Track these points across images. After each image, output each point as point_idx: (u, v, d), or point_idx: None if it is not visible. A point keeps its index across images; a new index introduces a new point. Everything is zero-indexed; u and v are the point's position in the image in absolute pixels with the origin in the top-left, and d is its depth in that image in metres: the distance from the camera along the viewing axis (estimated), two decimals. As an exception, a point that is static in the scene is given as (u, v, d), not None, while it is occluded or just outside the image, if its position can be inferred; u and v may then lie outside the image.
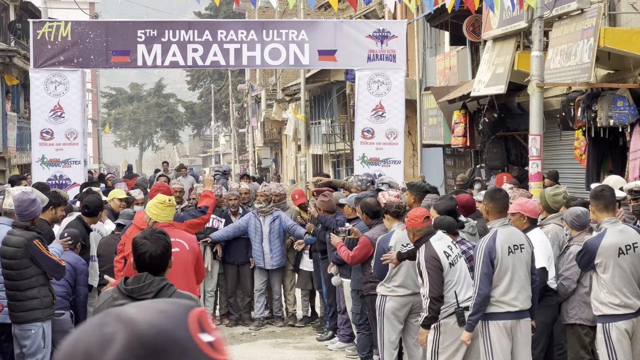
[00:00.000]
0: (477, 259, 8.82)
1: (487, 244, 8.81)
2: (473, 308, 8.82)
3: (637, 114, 16.36)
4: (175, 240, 9.04)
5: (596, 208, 8.75)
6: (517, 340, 9.01)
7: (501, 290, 8.85)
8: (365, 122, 18.47)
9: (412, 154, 32.31)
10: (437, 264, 9.19)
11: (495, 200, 9.06)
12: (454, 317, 9.23)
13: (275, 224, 15.33)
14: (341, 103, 43.26)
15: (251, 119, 70.20)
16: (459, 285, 9.28)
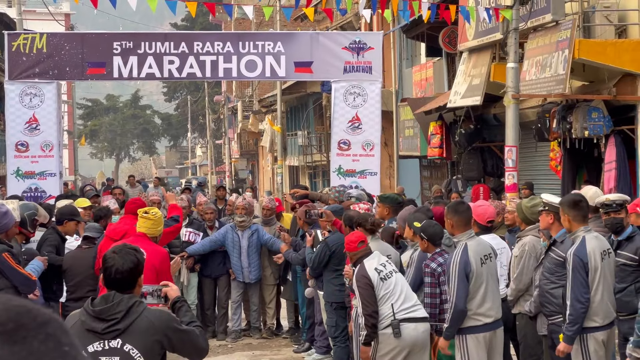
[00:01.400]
0: (451, 274, 8.81)
1: (461, 258, 8.81)
2: (450, 322, 8.81)
3: (611, 125, 16.45)
4: None
5: (574, 218, 8.70)
6: (494, 350, 9.05)
7: (477, 303, 8.86)
8: (342, 134, 18.47)
9: (389, 165, 32.35)
10: (366, 281, 9.33)
11: (459, 214, 9.08)
12: (389, 329, 9.31)
13: (253, 238, 15.24)
14: (318, 114, 43.29)
15: (228, 130, 70.15)
16: (395, 297, 9.36)
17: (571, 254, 8.43)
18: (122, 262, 5.70)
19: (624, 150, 16.43)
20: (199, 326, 6.05)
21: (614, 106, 16.72)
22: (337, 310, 12.27)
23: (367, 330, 9.29)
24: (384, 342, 9.36)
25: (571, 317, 8.41)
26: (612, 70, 16.43)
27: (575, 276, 8.39)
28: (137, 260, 5.76)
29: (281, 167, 40.43)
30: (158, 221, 9.56)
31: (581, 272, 8.42)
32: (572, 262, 8.43)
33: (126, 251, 5.79)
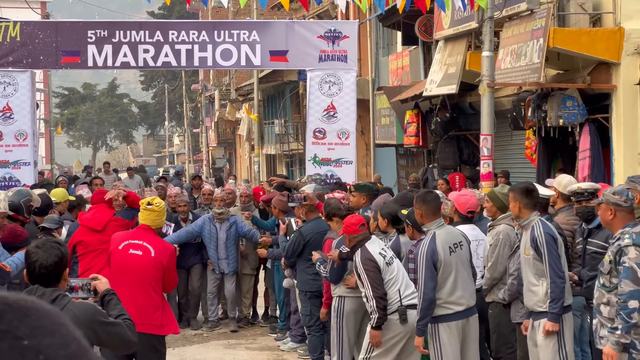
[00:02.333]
0: (419, 264, 8.84)
1: (428, 247, 8.84)
2: (420, 313, 8.82)
3: (586, 113, 16.50)
4: (141, 243, 9.11)
5: (525, 206, 8.78)
6: (468, 337, 9.08)
7: (447, 291, 8.89)
8: (317, 123, 18.44)
9: (366, 154, 32.37)
10: (373, 264, 9.33)
11: (427, 203, 9.11)
12: (396, 314, 9.33)
13: (231, 230, 15.22)
14: (294, 103, 43.27)
15: (205, 119, 70.00)
16: (399, 283, 9.38)
17: (542, 234, 8.52)
18: (46, 256, 5.60)
19: (598, 139, 16.48)
20: (127, 319, 6.01)
21: (588, 95, 16.77)
22: (311, 299, 12.27)
23: (379, 313, 9.24)
24: (389, 329, 9.38)
25: (553, 294, 8.47)
26: (587, 58, 16.48)
27: (550, 254, 8.47)
28: (61, 254, 5.65)
29: (258, 156, 40.39)
30: (162, 212, 9.45)
31: (555, 248, 8.51)
32: (545, 240, 8.50)
33: (50, 245, 5.67)
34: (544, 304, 8.59)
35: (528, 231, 8.73)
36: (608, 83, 16.43)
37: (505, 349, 10.40)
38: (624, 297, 7.52)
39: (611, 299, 7.78)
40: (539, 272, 8.62)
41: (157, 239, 9.26)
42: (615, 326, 7.52)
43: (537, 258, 8.62)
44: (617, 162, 16.34)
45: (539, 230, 8.60)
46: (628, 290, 7.53)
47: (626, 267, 7.57)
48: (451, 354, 8.93)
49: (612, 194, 7.94)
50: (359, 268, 9.40)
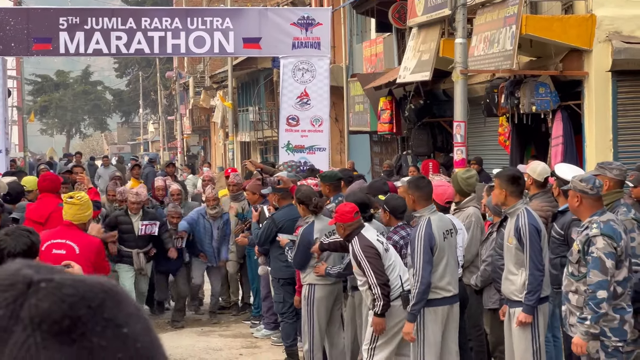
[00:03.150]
0: (416, 248, 8.75)
1: (425, 231, 8.78)
2: (416, 297, 8.75)
3: (558, 100, 16.55)
4: (64, 242, 8.59)
5: (512, 193, 8.74)
6: (450, 324, 9.08)
7: (438, 276, 8.88)
8: (290, 110, 18.45)
9: (340, 141, 32.37)
10: (374, 251, 9.21)
11: (420, 189, 9.06)
12: (399, 301, 9.25)
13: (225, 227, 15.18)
14: (269, 90, 43.20)
15: (179, 106, 69.77)
16: (398, 269, 9.33)
17: (526, 224, 8.49)
18: (14, 244, 5.52)
19: (570, 126, 16.54)
20: None
21: (560, 81, 16.81)
22: (284, 286, 12.27)
23: (384, 300, 9.13)
24: (391, 316, 9.31)
25: (530, 286, 8.47)
26: (559, 45, 16.52)
27: (532, 245, 8.45)
28: (30, 242, 5.54)
29: (232, 143, 40.30)
30: (85, 205, 8.94)
31: (537, 240, 8.49)
32: (529, 232, 8.47)
33: (19, 233, 5.57)
34: (520, 293, 8.57)
35: (513, 219, 8.68)
36: (580, 70, 16.48)
37: (475, 331, 10.45)
38: (593, 288, 7.54)
39: (579, 287, 7.79)
40: (520, 261, 8.60)
41: (81, 235, 8.72)
42: (585, 316, 7.54)
43: (519, 248, 8.57)
44: (589, 148, 16.40)
45: (523, 220, 8.55)
46: (596, 281, 7.55)
47: (594, 258, 7.59)
48: (433, 338, 8.93)
49: (579, 181, 7.93)
50: (359, 256, 9.25)
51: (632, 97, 16.39)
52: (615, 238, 7.64)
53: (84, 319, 1.25)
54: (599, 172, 8.65)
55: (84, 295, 1.27)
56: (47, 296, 1.25)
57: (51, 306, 1.24)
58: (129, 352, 1.25)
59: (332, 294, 10.88)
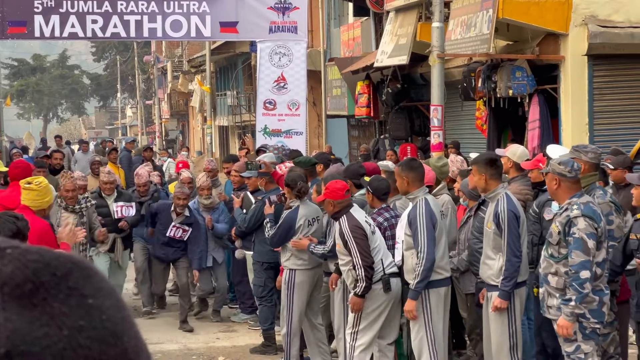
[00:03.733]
0: (419, 226, 8.70)
1: (426, 209, 8.77)
2: (421, 275, 8.69)
3: (535, 84, 16.59)
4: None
5: (492, 177, 8.72)
6: (446, 307, 9.11)
7: (439, 255, 8.87)
8: (267, 94, 18.41)
9: (317, 125, 32.34)
10: (362, 232, 9.20)
11: (414, 170, 9.07)
12: (380, 284, 9.23)
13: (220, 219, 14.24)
14: (247, 74, 43.12)
15: (157, 90, 69.59)
16: (381, 252, 9.32)
17: (505, 210, 8.50)
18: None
19: (547, 109, 16.58)
20: None
21: (537, 65, 16.85)
22: (267, 270, 12.28)
23: (366, 282, 9.12)
24: (372, 299, 9.31)
25: (507, 272, 8.48)
26: (535, 29, 16.55)
27: (510, 232, 8.45)
28: (16, 229, 5.54)
29: (211, 128, 40.22)
30: (43, 191, 8.68)
31: (516, 226, 8.50)
32: (507, 218, 8.48)
33: (5, 219, 5.58)
34: (497, 278, 8.57)
35: (493, 204, 8.67)
36: (556, 54, 16.52)
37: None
38: (575, 268, 7.56)
39: (559, 269, 7.82)
40: (498, 246, 8.60)
41: (35, 220, 8.15)
42: (569, 297, 7.55)
43: (497, 233, 8.57)
44: (565, 132, 16.46)
45: (503, 205, 8.55)
46: (579, 261, 7.57)
47: (576, 238, 7.61)
48: (437, 320, 8.93)
49: (557, 164, 7.96)
50: (347, 235, 9.23)
51: (607, 81, 16.45)
52: (596, 219, 7.70)
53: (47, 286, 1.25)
54: (574, 156, 8.66)
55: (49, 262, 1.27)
56: (12, 261, 1.26)
57: (14, 270, 1.25)
58: (93, 322, 1.25)
59: (312, 279, 10.89)
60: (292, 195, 10.79)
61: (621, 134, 15.98)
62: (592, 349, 7.76)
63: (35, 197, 8.60)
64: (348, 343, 9.50)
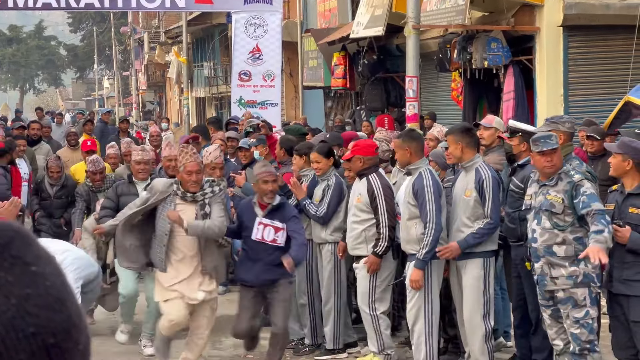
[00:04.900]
0: (427, 197, 8.64)
1: (433, 180, 8.72)
2: (429, 244, 8.63)
3: (510, 55, 16.60)
4: None
5: (468, 144, 8.68)
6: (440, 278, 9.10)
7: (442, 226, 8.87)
8: (242, 65, 18.38)
9: (294, 96, 32.29)
10: (391, 193, 9.25)
11: (416, 140, 9.02)
12: (390, 250, 9.28)
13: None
14: (223, 45, 42.96)
15: (134, 62, 69.24)
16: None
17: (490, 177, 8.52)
18: None
19: (522, 80, 16.60)
20: None
21: (512, 37, 16.85)
22: None
23: (388, 242, 9.16)
24: (385, 264, 9.35)
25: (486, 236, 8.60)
26: (511, 0, 16.54)
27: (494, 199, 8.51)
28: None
29: (188, 99, 40.11)
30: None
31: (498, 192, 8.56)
32: (492, 185, 8.50)
33: None
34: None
35: (471, 172, 8.63)
36: (532, 25, 16.53)
37: None
38: (600, 211, 7.48)
39: (567, 237, 7.79)
40: (476, 214, 8.60)
41: None
42: (600, 229, 7.37)
43: (478, 200, 8.55)
44: (540, 103, 16.50)
45: (486, 173, 8.57)
46: (600, 206, 7.54)
47: (590, 193, 7.61)
48: (436, 290, 8.91)
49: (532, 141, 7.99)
50: (377, 192, 9.20)
51: (582, 52, 16.49)
52: (594, 180, 7.81)
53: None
54: (552, 128, 8.63)
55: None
56: None
57: None
58: (39, 290, 1.27)
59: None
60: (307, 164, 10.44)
61: (596, 104, 16.04)
62: (596, 314, 7.83)
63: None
64: (368, 314, 9.37)
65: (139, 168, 10.56)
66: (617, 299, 7.78)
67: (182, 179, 8.76)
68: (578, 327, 7.79)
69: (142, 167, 10.56)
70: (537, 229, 8.00)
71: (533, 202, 8.06)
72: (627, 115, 12.37)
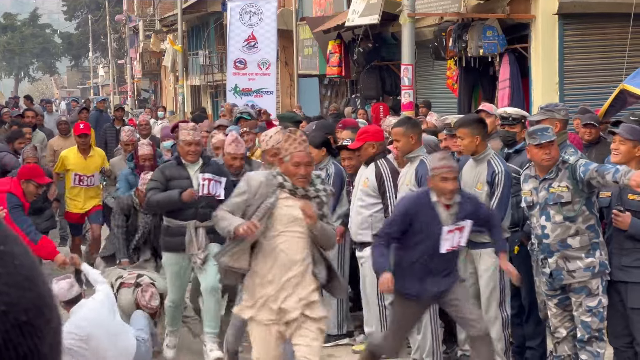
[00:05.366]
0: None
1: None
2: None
3: (505, 43, 16.60)
4: None
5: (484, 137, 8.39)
6: None
7: None
8: (238, 53, 18.38)
9: (289, 85, 32.26)
10: (396, 179, 9.14)
11: (418, 127, 8.99)
12: None
13: None
14: (219, 34, 42.90)
15: (129, 50, 69.18)
16: None
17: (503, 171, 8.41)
18: None
19: (517, 69, 16.61)
20: None
21: (507, 25, 16.85)
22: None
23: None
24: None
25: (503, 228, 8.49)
26: (506, -12, 16.55)
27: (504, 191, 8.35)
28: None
29: (183, 87, 40.06)
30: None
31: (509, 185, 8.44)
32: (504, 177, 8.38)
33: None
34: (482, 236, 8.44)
35: (482, 165, 8.49)
36: (527, 13, 16.52)
37: None
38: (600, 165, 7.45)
39: (580, 227, 7.68)
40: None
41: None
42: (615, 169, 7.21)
43: (489, 194, 8.43)
44: (535, 91, 16.50)
45: (499, 165, 8.44)
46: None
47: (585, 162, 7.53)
48: None
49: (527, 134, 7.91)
50: (386, 178, 9.13)
51: (578, 40, 16.48)
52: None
53: None
54: (548, 116, 8.59)
55: None
56: None
57: None
58: (8, 269, 1.27)
59: None
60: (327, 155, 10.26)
61: (591, 93, 16.03)
62: (607, 302, 7.78)
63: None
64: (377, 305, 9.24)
65: (189, 150, 9.44)
66: (615, 286, 7.75)
67: (288, 171, 7.14)
68: (590, 316, 7.73)
69: (192, 149, 9.43)
70: (547, 225, 7.85)
71: (535, 199, 7.93)
72: (622, 103, 12.35)
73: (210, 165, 9.53)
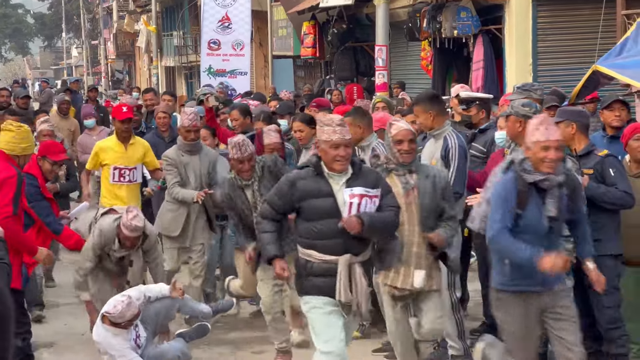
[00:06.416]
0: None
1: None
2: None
3: (479, 25, 16.64)
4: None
5: (439, 112, 8.41)
6: None
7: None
8: (212, 34, 18.33)
9: (264, 66, 32.20)
10: None
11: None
12: None
13: None
14: (193, 14, 42.70)
15: (103, 30, 68.83)
16: None
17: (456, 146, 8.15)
18: None
19: (491, 50, 16.67)
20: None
21: (482, 6, 16.88)
22: None
23: None
24: None
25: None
26: (480, -30, 16.58)
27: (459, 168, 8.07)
28: None
29: (157, 68, 39.92)
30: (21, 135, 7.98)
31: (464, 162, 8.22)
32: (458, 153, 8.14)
33: None
34: None
35: (439, 141, 8.29)
36: (501, -6, 16.57)
37: None
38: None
39: None
40: None
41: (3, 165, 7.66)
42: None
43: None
44: (509, 72, 16.56)
45: (453, 141, 8.22)
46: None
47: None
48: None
49: (521, 106, 7.79)
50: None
51: (551, 22, 16.54)
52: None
53: None
54: (525, 95, 8.58)
55: None
56: None
57: None
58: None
59: None
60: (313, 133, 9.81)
61: (564, 74, 16.09)
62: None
63: (10, 139, 7.97)
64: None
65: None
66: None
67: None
68: None
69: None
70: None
71: None
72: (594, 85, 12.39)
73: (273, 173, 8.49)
